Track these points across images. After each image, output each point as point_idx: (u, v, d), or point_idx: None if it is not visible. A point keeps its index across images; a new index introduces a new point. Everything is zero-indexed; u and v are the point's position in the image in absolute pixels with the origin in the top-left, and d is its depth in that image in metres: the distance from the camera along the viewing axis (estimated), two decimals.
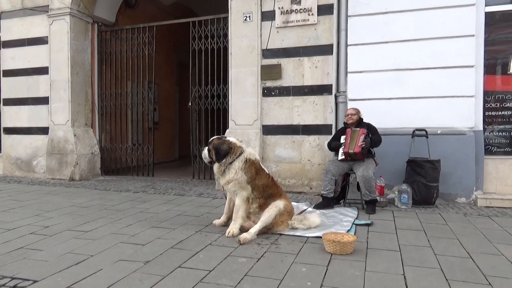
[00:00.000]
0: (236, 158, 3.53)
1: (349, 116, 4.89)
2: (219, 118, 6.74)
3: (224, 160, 3.52)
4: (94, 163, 7.43)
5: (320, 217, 3.91)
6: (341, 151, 4.78)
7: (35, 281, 2.44)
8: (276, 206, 3.50)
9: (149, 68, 7.38)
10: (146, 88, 7.57)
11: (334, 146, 4.96)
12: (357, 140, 4.61)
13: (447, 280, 2.48)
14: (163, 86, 9.88)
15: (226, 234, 3.41)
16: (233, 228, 3.44)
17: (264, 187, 3.57)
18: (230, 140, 3.61)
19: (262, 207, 3.55)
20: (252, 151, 3.66)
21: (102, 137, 7.70)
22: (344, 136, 4.80)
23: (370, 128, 4.77)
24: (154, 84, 7.76)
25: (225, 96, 6.51)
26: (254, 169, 3.55)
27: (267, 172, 3.71)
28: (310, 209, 4.51)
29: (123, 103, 7.65)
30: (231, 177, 3.51)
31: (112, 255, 2.91)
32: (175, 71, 10.77)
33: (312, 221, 3.69)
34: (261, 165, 3.71)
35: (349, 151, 4.60)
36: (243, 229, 3.46)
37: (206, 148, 3.67)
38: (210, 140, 3.69)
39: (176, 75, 10.86)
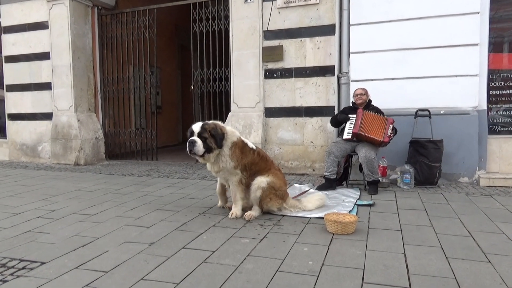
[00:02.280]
0: (225, 142, 3.38)
1: (359, 96, 4.81)
2: (221, 101, 6.72)
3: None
4: (98, 147, 7.47)
5: (319, 200, 3.76)
6: (347, 130, 4.70)
7: (43, 263, 2.50)
8: (259, 188, 3.40)
9: (151, 52, 7.31)
10: (148, 72, 7.53)
11: (341, 118, 4.81)
12: (386, 129, 4.49)
13: (447, 258, 2.51)
14: (165, 70, 9.81)
15: (229, 216, 3.45)
16: (236, 210, 3.48)
17: (250, 165, 3.45)
18: (218, 123, 3.42)
19: (248, 186, 3.48)
20: (232, 129, 3.49)
21: (105, 122, 7.72)
22: (354, 116, 4.67)
23: (378, 112, 4.71)
24: (156, 68, 7.72)
25: (227, 79, 6.47)
26: (238, 150, 3.40)
27: (251, 147, 3.54)
28: (312, 190, 4.54)
29: (126, 87, 7.63)
30: (221, 167, 3.40)
31: (117, 237, 2.96)
32: (177, 55, 10.67)
33: (304, 205, 3.65)
34: (244, 140, 3.53)
35: (359, 132, 4.49)
36: (244, 209, 3.54)
37: (197, 137, 3.29)
38: (201, 128, 3.31)
39: (178, 58, 10.76)
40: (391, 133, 4.54)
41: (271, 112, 6.04)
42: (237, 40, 6.09)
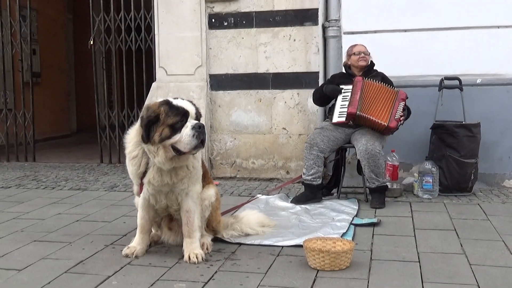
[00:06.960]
0: None
1: (362, 55, 4.83)
2: (140, 65, 6.65)
3: None
4: None
5: (264, 215, 3.93)
6: (339, 108, 4.76)
7: None
8: (209, 205, 3.53)
9: None
10: (17, 17, 7.33)
11: (329, 91, 4.85)
12: (394, 108, 4.58)
13: None
14: (46, 13, 9.61)
15: (188, 261, 3.22)
16: (195, 248, 3.29)
17: None
18: None
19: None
20: None
21: None
22: (349, 87, 4.74)
23: (386, 82, 4.82)
24: (30, 10, 7.48)
25: (149, 29, 6.41)
26: None
27: None
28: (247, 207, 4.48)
29: None
30: (191, 167, 3.29)
31: None
32: None
33: (246, 222, 3.74)
34: None
35: (358, 113, 4.56)
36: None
37: (197, 123, 3.10)
38: (195, 108, 3.18)
39: None
40: (401, 115, 4.65)
41: (220, 82, 6.03)
42: None
